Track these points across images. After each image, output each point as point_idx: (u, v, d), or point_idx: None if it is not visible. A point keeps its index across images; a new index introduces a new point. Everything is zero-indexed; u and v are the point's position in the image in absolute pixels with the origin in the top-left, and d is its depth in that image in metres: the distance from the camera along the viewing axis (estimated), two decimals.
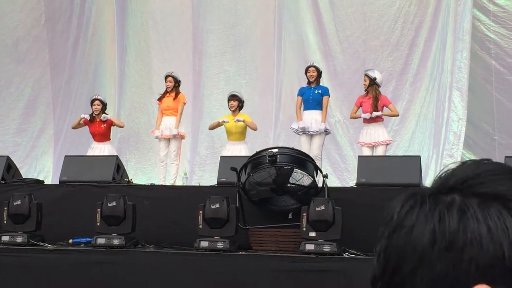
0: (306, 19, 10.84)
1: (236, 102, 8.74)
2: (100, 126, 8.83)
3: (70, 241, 6.77)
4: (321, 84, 8.76)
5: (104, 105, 8.98)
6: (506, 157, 6.78)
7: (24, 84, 11.97)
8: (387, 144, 8.29)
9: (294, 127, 8.51)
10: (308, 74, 8.53)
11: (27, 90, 11.96)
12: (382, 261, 0.82)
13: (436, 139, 10.04)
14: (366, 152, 8.22)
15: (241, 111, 8.77)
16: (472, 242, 0.77)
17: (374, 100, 8.21)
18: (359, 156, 7.18)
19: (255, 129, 8.67)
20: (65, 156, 7.91)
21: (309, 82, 8.52)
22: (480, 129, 9.97)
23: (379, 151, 8.18)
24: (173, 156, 8.79)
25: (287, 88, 10.89)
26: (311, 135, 8.31)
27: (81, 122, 8.93)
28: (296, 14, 10.91)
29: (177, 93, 8.88)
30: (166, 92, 8.92)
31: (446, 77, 10.01)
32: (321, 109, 8.46)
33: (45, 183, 7.90)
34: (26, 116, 11.93)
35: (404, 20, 10.42)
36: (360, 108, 8.39)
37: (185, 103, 9.02)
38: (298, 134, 8.48)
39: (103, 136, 8.86)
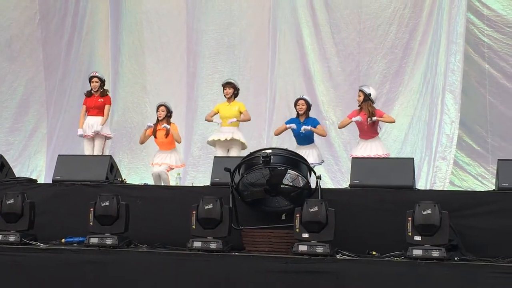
0: (301, 20, 10.84)
1: (232, 89, 8.77)
2: (97, 100, 8.97)
3: (63, 240, 6.77)
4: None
5: (102, 82, 9.14)
6: (499, 160, 6.80)
7: (17, 83, 11.92)
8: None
9: None
10: (297, 107, 8.46)
11: (20, 89, 11.91)
12: None
13: (429, 141, 10.06)
14: None
15: (236, 98, 8.79)
16: None
17: (370, 115, 8.17)
18: (352, 158, 7.19)
19: (248, 120, 8.73)
20: (59, 155, 7.88)
21: (298, 115, 8.46)
22: (473, 132, 10.00)
23: None
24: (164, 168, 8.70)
25: (281, 90, 10.89)
26: None
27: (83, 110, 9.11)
28: (291, 16, 10.91)
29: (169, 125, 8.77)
30: (157, 122, 8.85)
31: (439, 80, 10.03)
32: (313, 142, 8.43)
33: (38, 182, 7.87)
34: (19, 115, 11.88)
35: (398, 23, 10.44)
36: (352, 121, 8.32)
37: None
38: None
39: (99, 109, 8.99)
